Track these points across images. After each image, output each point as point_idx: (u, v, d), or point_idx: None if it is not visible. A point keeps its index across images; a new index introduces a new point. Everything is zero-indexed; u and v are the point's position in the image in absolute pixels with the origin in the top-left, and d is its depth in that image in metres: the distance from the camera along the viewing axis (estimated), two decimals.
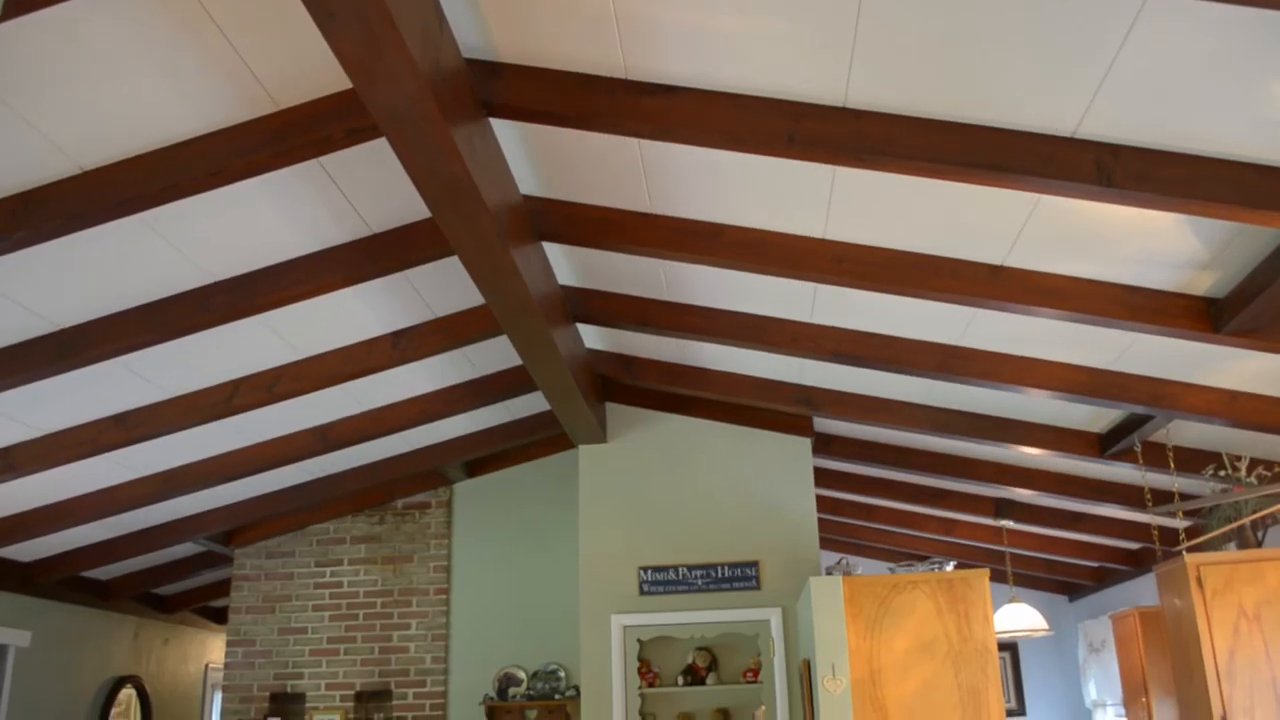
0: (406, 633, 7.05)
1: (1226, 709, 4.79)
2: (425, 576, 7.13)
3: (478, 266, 3.54)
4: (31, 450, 4.93)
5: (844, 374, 5.10)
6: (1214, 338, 3.69)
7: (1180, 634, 5.13)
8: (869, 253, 3.72)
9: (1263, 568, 4.96)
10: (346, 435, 5.59)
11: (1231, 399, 4.47)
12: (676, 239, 3.77)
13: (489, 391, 5.54)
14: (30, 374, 4.07)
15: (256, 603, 7.26)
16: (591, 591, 5.88)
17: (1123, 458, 5.26)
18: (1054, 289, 3.71)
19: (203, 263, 3.81)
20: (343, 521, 7.32)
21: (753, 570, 5.79)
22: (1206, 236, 3.29)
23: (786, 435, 6.01)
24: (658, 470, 6.04)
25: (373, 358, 4.70)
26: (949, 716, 4.42)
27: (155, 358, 4.38)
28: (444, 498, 7.27)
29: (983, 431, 5.32)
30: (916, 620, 4.54)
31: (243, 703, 7.08)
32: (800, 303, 4.35)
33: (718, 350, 5.15)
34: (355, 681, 7.02)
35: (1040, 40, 2.52)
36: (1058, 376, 4.48)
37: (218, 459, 5.66)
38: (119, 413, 4.85)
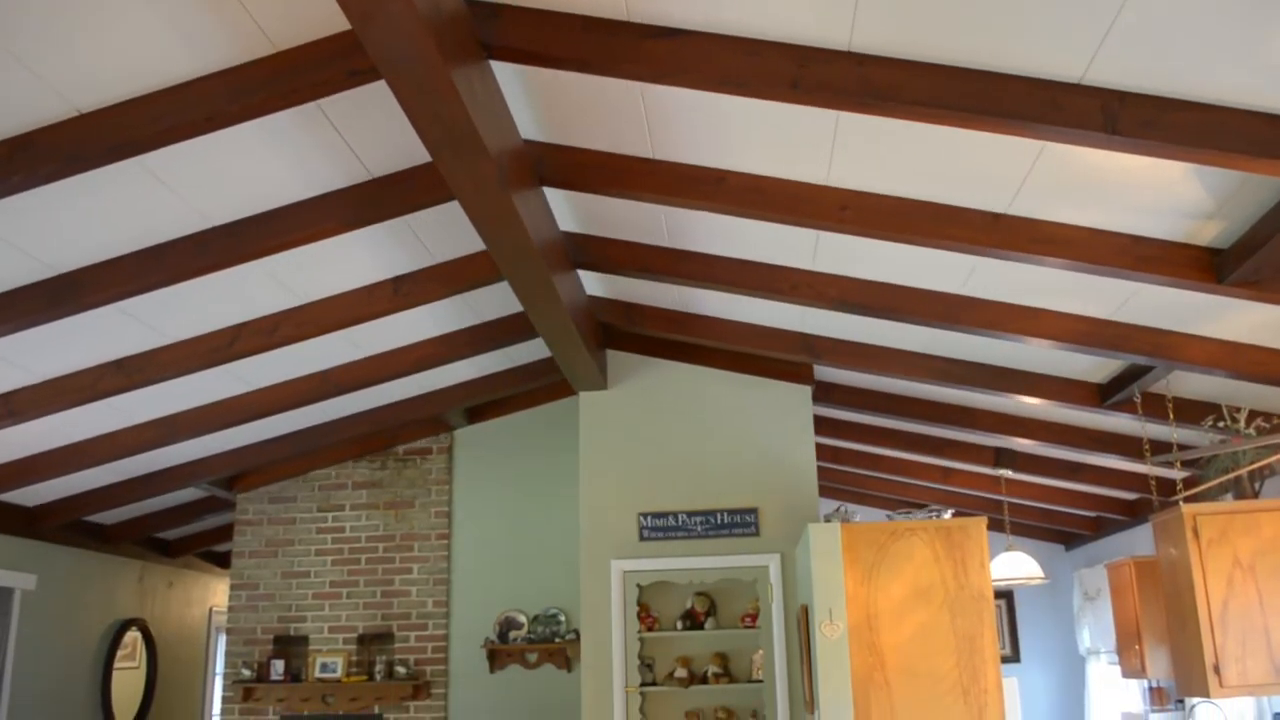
0: (408, 577, 7.12)
1: (1219, 657, 4.85)
2: (426, 522, 7.19)
3: (478, 212, 3.52)
4: (32, 395, 4.94)
5: (845, 322, 5.09)
6: (1217, 289, 3.67)
7: (1175, 583, 5.18)
8: (872, 200, 3.70)
9: (1259, 518, 4.99)
10: (348, 381, 5.60)
11: (1233, 350, 4.47)
12: (678, 185, 3.75)
13: (490, 337, 5.54)
14: (28, 319, 4.07)
15: (259, 547, 7.32)
16: (592, 537, 5.92)
17: (1122, 408, 5.27)
18: (1058, 238, 3.69)
19: (201, 207, 3.78)
20: (344, 467, 7.36)
21: (752, 517, 5.83)
22: (1212, 186, 3.26)
23: (787, 383, 6.01)
24: (658, 417, 6.06)
25: (373, 303, 4.69)
26: (944, 662, 4.47)
27: (154, 303, 4.37)
28: (445, 444, 7.31)
29: (983, 381, 5.33)
30: (914, 567, 4.58)
31: (246, 645, 7.17)
32: (802, 250, 4.33)
33: (719, 297, 5.13)
34: (358, 624, 7.11)
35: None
36: (1059, 326, 4.46)
37: (219, 404, 5.68)
38: (119, 358, 4.85)
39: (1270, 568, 4.92)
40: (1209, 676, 4.85)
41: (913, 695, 4.45)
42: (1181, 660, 5.21)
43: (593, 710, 5.69)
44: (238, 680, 7.03)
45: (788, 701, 5.55)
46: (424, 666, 6.95)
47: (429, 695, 6.90)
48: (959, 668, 4.45)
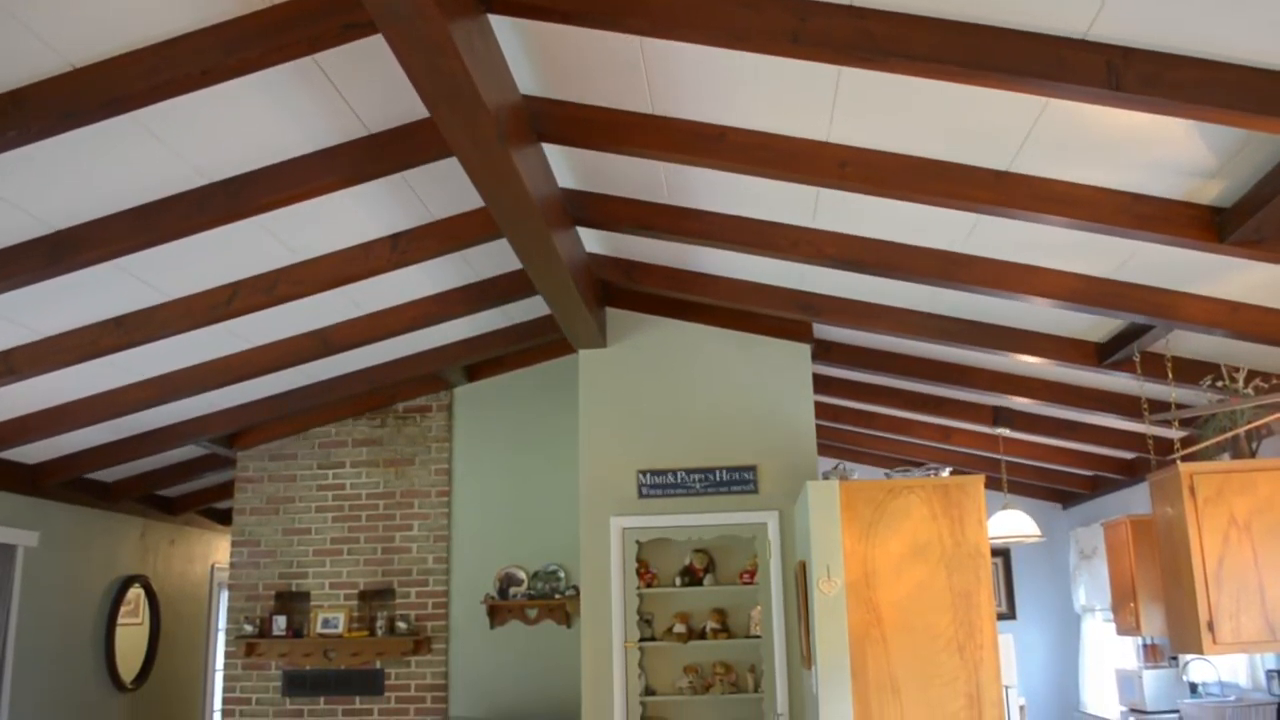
0: (409, 533, 7.17)
1: (1213, 614, 4.89)
2: (426, 479, 7.22)
3: (477, 168, 3.50)
4: (31, 353, 4.94)
5: (845, 280, 5.08)
6: (1218, 248, 3.66)
7: (1171, 541, 5.21)
8: (873, 156, 3.67)
9: (1255, 477, 5.01)
10: (346, 339, 5.59)
11: (1232, 310, 4.46)
12: (678, 141, 3.72)
13: (489, 295, 5.53)
14: (25, 276, 4.06)
15: (260, 504, 7.36)
16: (591, 494, 5.95)
17: (1121, 367, 5.27)
18: (1059, 196, 3.67)
19: (197, 163, 3.76)
20: (344, 425, 7.38)
21: (750, 474, 5.86)
22: (1215, 144, 3.24)
23: (786, 341, 6.01)
24: (657, 375, 6.06)
25: (371, 260, 4.67)
26: (940, 618, 4.50)
27: (151, 260, 4.36)
28: (444, 401, 7.32)
29: (982, 339, 5.32)
30: (911, 524, 4.60)
31: (249, 601, 7.23)
32: (802, 207, 4.30)
33: (718, 255, 5.12)
34: (359, 581, 7.16)
35: None
36: (1059, 285, 4.46)
37: (218, 362, 5.68)
38: (117, 316, 4.84)
39: (1266, 526, 4.95)
40: (1203, 633, 4.89)
41: (909, 651, 4.49)
42: (1176, 617, 5.25)
43: (592, 665, 5.75)
44: (240, 636, 7.10)
45: (785, 656, 5.60)
46: (425, 622, 7.02)
47: (430, 650, 6.97)
48: (955, 624, 4.49)
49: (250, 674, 7.12)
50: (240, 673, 7.14)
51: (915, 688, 4.45)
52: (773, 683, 5.61)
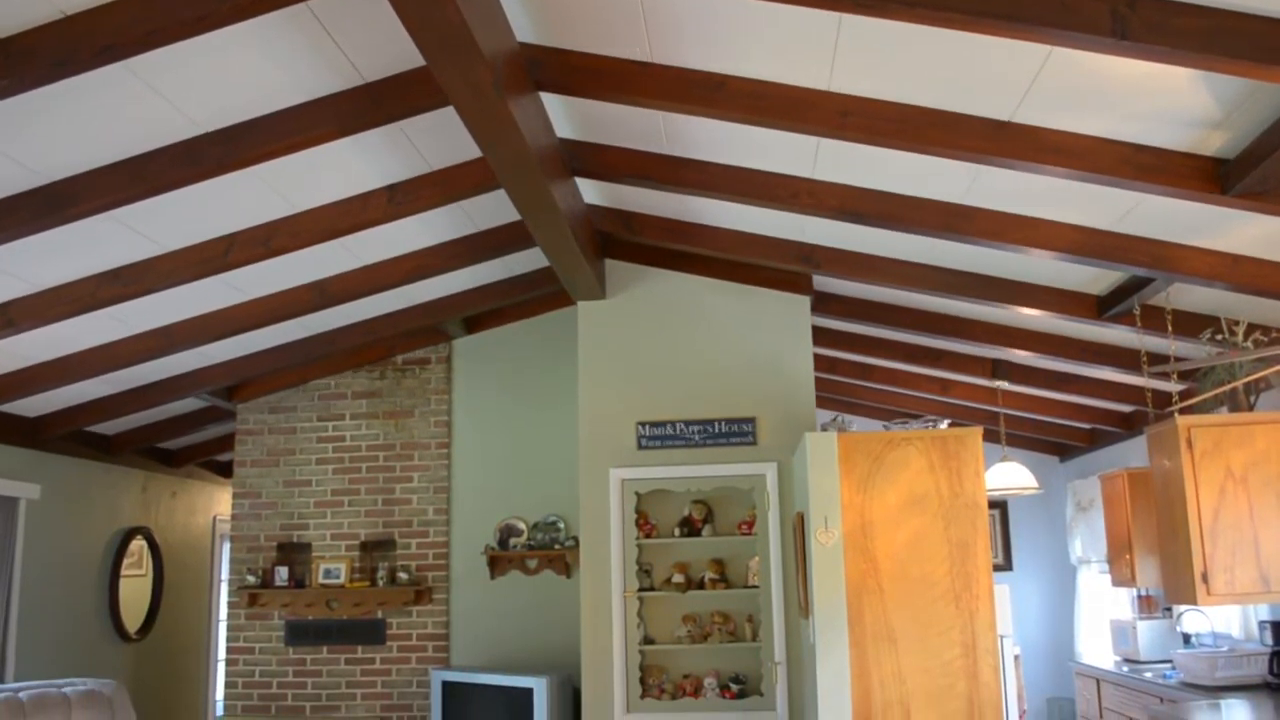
0: (409, 485, 7.20)
1: (1208, 566, 4.93)
2: (426, 431, 7.24)
3: (474, 117, 3.46)
4: (29, 305, 4.94)
5: (845, 231, 5.06)
6: (1221, 199, 3.64)
7: (1167, 494, 5.24)
8: (874, 106, 3.64)
9: (1253, 431, 5.03)
10: (344, 290, 5.57)
11: (1234, 263, 4.45)
12: (677, 90, 3.68)
13: (487, 247, 5.50)
14: (21, 228, 4.04)
15: (261, 456, 7.38)
16: (590, 446, 5.97)
17: (1121, 320, 5.27)
18: (1061, 146, 3.64)
19: (192, 113, 3.72)
20: (343, 377, 7.38)
21: (749, 426, 5.87)
22: (1220, 94, 3.21)
23: (786, 293, 5.99)
24: (657, 327, 6.05)
25: (368, 211, 4.64)
26: (937, 568, 4.54)
27: (148, 212, 4.33)
28: (444, 354, 7.32)
29: (982, 291, 5.31)
30: (909, 476, 4.62)
31: (250, 552, 7.28)
32: (803, 158, 4.27)
33: (718, 206, 5.09)
34: (360, 532, 7.21)
35: None
36: (1060, 237, 4.44)
37: (216, 314, 5.67)
38: (114, 268, 4.83)
39: (1262, 479, 4.98)
40: (1197, 585, 4.94)
41: (905, 600, 4.53)
42: (1171, 569, 5.30)
43: (592, 615, 5.81)
44: (243, 586, 7.16)
45: (782, 606, 5.66)
46: (425, 572, 7.07)
47: (431, 600, 7.03)
48: (951, 574, 4.53)
49: (253, 624, 7.19)
50: (243, 622, 7.21)
51: (912, 637, 4.50)
52: (770, 632, 5.67)
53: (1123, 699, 6.56)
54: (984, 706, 4.43)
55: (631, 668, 5.73)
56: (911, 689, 4.46)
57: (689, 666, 5.86)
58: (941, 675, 4.46)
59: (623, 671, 5.71)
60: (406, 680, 6.98)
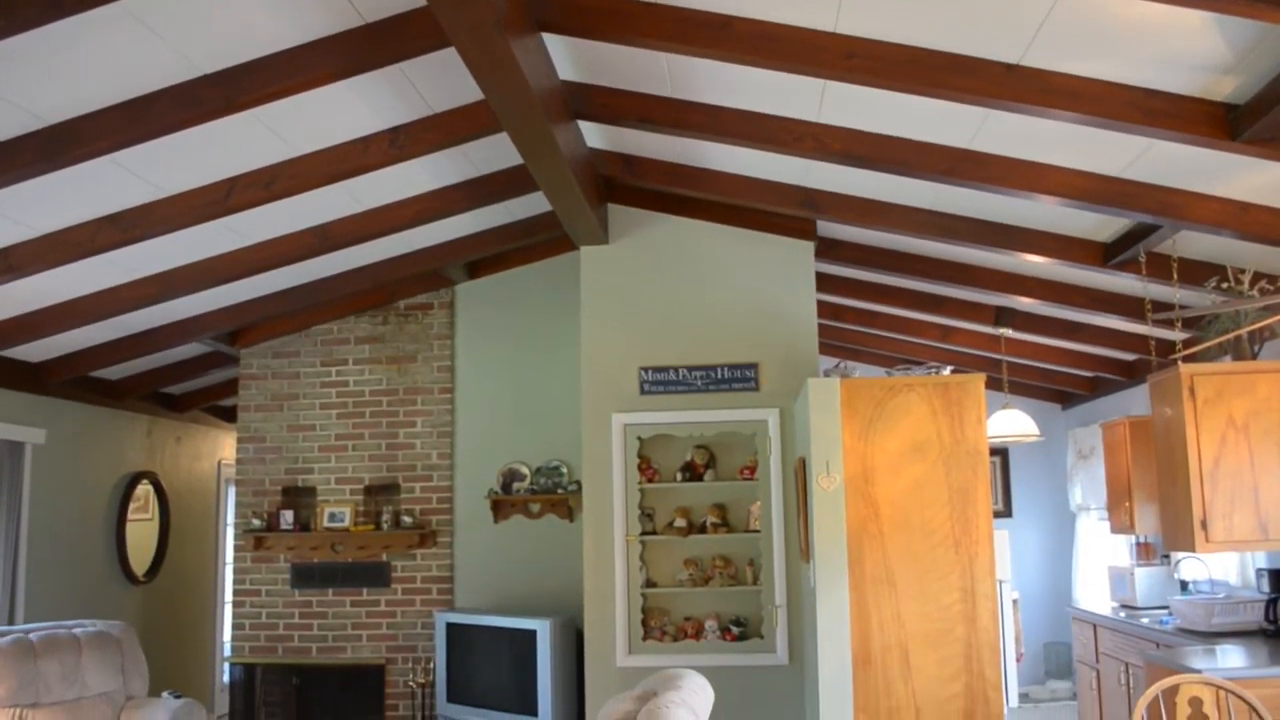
0: (412, 430, 7.23)
1: (1207, 513, 4.96)
2: (429, 376, 7.25)
3: (475, 58, 3.42)
4: (30, 250, 4.93)
5: (850, 176, 5.02)
6: (1230, 146, 3.61)
7: (1168, 442, 5.25)
8: (880, 48, 3.59)
9: (1255, 379, 5.03)
10: (346, 235, 5.55)
11: (1241, 210, 4.42)
12: (681, 30, 3.63)
13: (489, 191, 5.47)
14: (20, 172, 4.02)
15: (265, 401, 7.41)
16: (593, 391, 5.98)
17: (1126, 268, 5.24)
18: (1070, 90, 3.60)
19: (190, 55, 3.68)
20: (346, 322, 7.38)
21: (751, 372, 5.87)
22: (1231, 38, 3.16)
23: (789, 238, 5.96)
24: (659, 272, 6.03)
25: (370, 155, 4.61)
26: (937, 514, 4.57)
27: (147, 155, 4.30)
28: (446, 299, 7.31)
29: (987, 238, 5.28)
30: (911, 422, 4.63)
31: (256, 496, 7.34)
32: (808, 101, 4.22)
33: (721, 150, 5.04)
34: (364, 476, 7.25)
35: None
36: (1067, 183, 4.40)
37: (218, 259, 5.65)
38: (115, 212, 4.81)
39: (1263, 428, 4.99)
40: (1196, 532, 4.97)
41: (906, 545, 4.56)
42: (1170, 516, 5.32)
43: (594, 558, 5.86)
44: (248, 530, 7.22)
45: (783, 550, 5.70)
46: (429, 517, 7.13)
47: (435, 544, 7.10)
48: (952, 520, 4.56)
49: (259, 567, 7.26)
50: (249, 565, 7.28)
51: (911, 581, 4.54)
52: (771, 576, 5.72)
53: (1119, 644, 6.63)
54: (982, 650, 4.48)
55: (633, 610, 5.80)
56: (910, 632, 4.51)
57: (690, 609, 5.92)
58: (940, 619, 4.51)
59: (625, 614, 5.78)
60: (411, 622, 7.06)
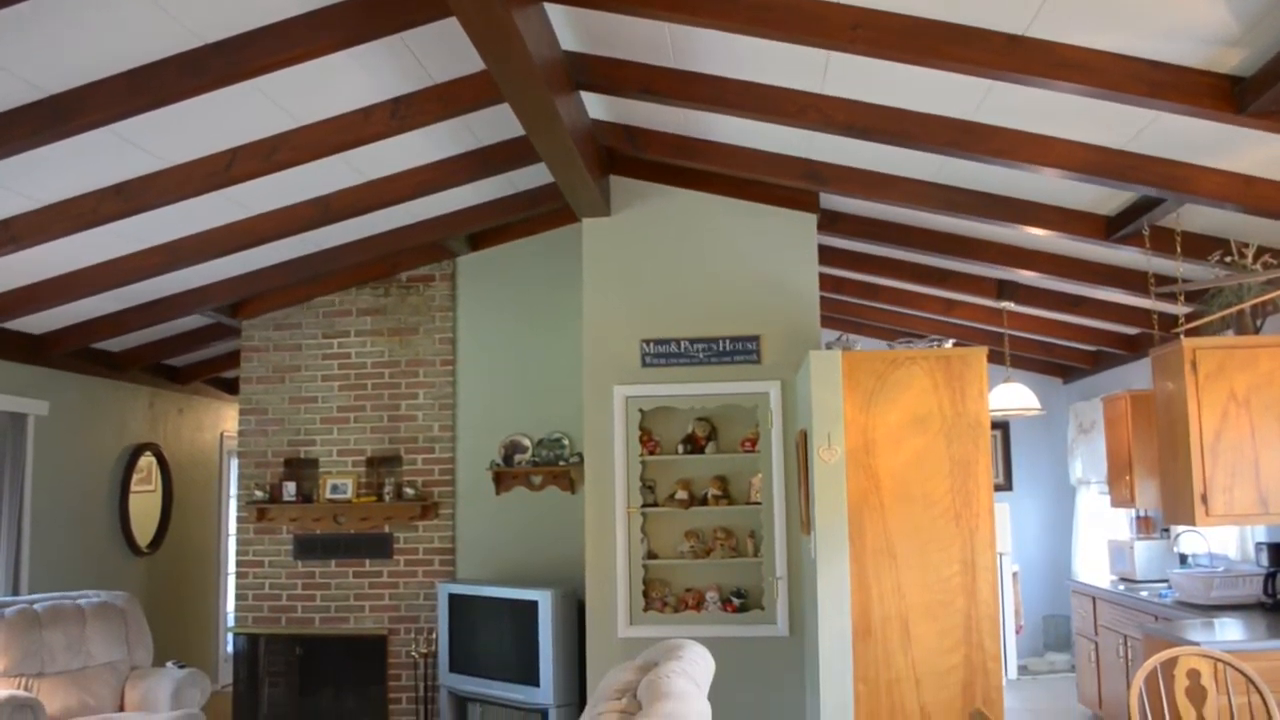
0: (414, 402, 7.24)
1: (1207, 487, 4.97)
2: (431, 348, 7.25)
3: (476, 27, 3.40)
4: (32, 221, 4.92)
5: (853, 149, 5.00)
6: (1236, 119, 3.59)
7: (1170, 415, 5.26)
8: (885, 18, 3.56)
9: (1257, 354, 5.03)
10: (347, 206, 5.54)
11: (1246, 184, 4.40)
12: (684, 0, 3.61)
13: (491, 162, 5.45)
14: (21, 143, 4.02)
15: (267, 373, 7.42)
16: (594, 363, 5.98)
17: (1129, 241, 5.23)
18: (1075, 62, 3.57)
19: (191, 24, 3.66)
20: (347, 294, 7.38)
21: (753, 344, 5.87)
22: (1238, 9, 3.14)
23: (792, 211, 5.94)
24: (661, 244, 6.02)
25: (371, 126, 4.59)
26: (938, 486, 4.58)
27: (149, 125, 4.29)
28: (448, 271, 7.30)
29: (990, 211, 5.27)
30: (912, 395, 4.64)
31: (258, 468, 7.36)
32: (812, 72, 4.20)
33: (725, 122, 5.02)
34: (366, 448, 7.27)
35: None
36: (1071, 156, 4.38)
37: (220, 230, 5.64)
38: (116, 183, 4.80)
39: (1265, 402, 4.99)
40: (1196, 506, 4.99)
41: (906, 517, 4.58)
42: (1170, 490, 5.34)
43: (595, 530, 5.88)
44: (251, 501, 7.25)
45: (784, 522, 5.72)
46: (431, 488, 7.15)
47: (437, 515, 7.12)
48: (952, 492, 4.57)
49: (262, 538, 7.30)
50: (252, 537, 7.32)
51: (911, 553, 4.56)
52: (771, 547, 5.75)
53: (1118, 617, 6.67)
54: (981, 621, 4.51)
55: (635, 582, 5.83)
56: (910, 604, 4.54)
57: (691, 581, 5.95)
58: (940, 591, 4.54)
59: (626, 585, 5.81)
60: (414, 593, 7.10)
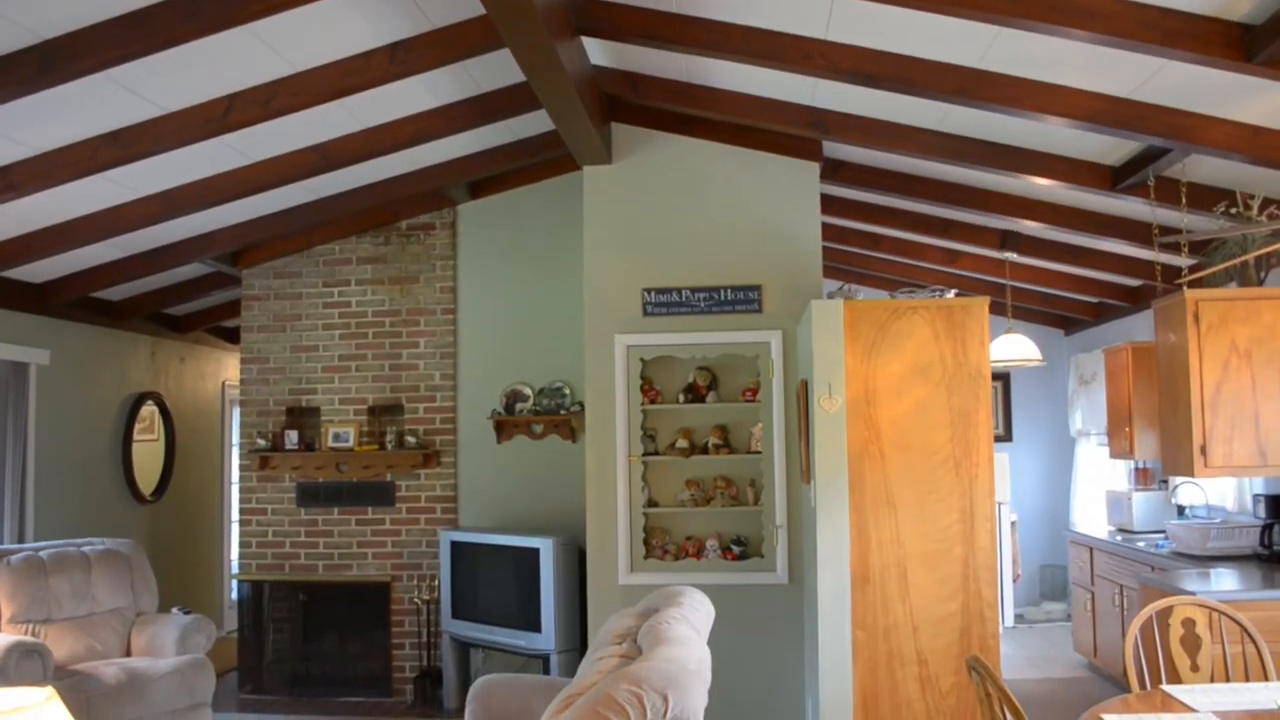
0: (415, 351, 7.24)
1: (1206, 439, 4.99)
2: (432, 297, 7.24)
3: None
4: (29, 169, 4.89)
5: (857, 96, 4.94)
6: (1244, 67, 3.55)
7: (1171, 367, 5.26)
8: None
9: (1260, 305, 5.02)
10: (346, 154, 5.49)
11: (1253, 134, 4.37)
12: None
13: (491, 109, 5.40)
14: (16, 89, 3.99)
15: (267, 322, 7.41)
16: (596, 312, 5.97)
17: (1134, 192, 5.20)
18: (1084, 8, 3.53)
19: None
20: (348, 242, 7.35)
21: (755, 294, 5.86)
22: None
23: (795, 159, 5.89)
24: (663, 192, 5.98)
25: (369, 71, 4.54)
26: (938, 436, 4.59)
27: (145, 71, 4.24)
28: (448, 219, 7.26)
29: (995, 160, 5.23)
30: (914, 345, 4.63)
31: (260, 416, 7.38)
32: (816, 18, 4.15)
33: (727, 68, 4.96)
34: (368, 397, 7.29)
35: None
36: (1078, 104, 4.34)
37: (219, 178, 5.61)
38: (114, 129, 4.76)
39: (1267, 354, 4.99)
40: (1195, 457, 5.01)
41: (906, 467, 4.60)
42: (1170, 441, 5.35)
43: (596, 479, 5.91)
44: (254, 450, 7.28)
45: (784, 472, 5.75)
46: (433, 437, 7.17)
47: (439, 464, 7.16)
48: (952, 442, 4.58)
49: (265, 486, 7.34)
50: (255, 485, 7.36)
51: (911, 502, 4.59)
52: (772, 496, 5.78)
53: (1114, 567, 6.72)
54: (979, 570, 4.54)
55: (635, 530, 5.87)
56: (909, 552, 4.57)
57: (691, 529, 5.99)
58: (939, 539, 4.56)
59: (627, 533, 5.85)
60: (416, 540, 7.16)
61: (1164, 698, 3.30)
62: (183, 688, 5.64)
